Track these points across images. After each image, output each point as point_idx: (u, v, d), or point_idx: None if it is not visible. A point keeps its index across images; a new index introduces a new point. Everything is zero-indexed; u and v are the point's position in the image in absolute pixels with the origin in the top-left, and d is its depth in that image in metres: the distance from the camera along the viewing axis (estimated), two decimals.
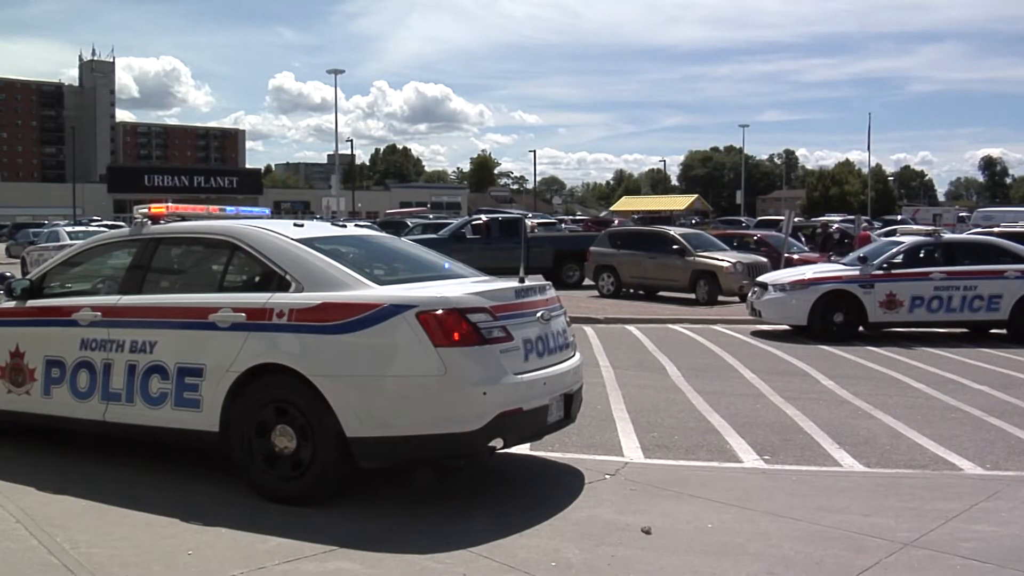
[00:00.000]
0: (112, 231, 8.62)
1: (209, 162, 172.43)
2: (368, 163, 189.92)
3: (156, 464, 7.59)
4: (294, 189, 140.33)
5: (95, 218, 63.72)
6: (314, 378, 6.34)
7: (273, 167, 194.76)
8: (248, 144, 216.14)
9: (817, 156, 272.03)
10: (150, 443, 7.48)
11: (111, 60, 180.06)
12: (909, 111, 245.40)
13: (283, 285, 6.76)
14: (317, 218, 51.14)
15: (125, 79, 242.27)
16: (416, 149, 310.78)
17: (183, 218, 8.04)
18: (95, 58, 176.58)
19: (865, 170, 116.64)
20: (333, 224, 8.64)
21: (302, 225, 7.59)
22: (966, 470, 8.05)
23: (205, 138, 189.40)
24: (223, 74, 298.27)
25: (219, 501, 6.62)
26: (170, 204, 8.18)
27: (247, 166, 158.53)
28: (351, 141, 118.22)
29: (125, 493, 6.77)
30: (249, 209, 8.89)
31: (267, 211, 9.50)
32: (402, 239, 9.65)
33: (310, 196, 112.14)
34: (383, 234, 9.46)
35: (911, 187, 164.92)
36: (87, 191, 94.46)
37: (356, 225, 9.32)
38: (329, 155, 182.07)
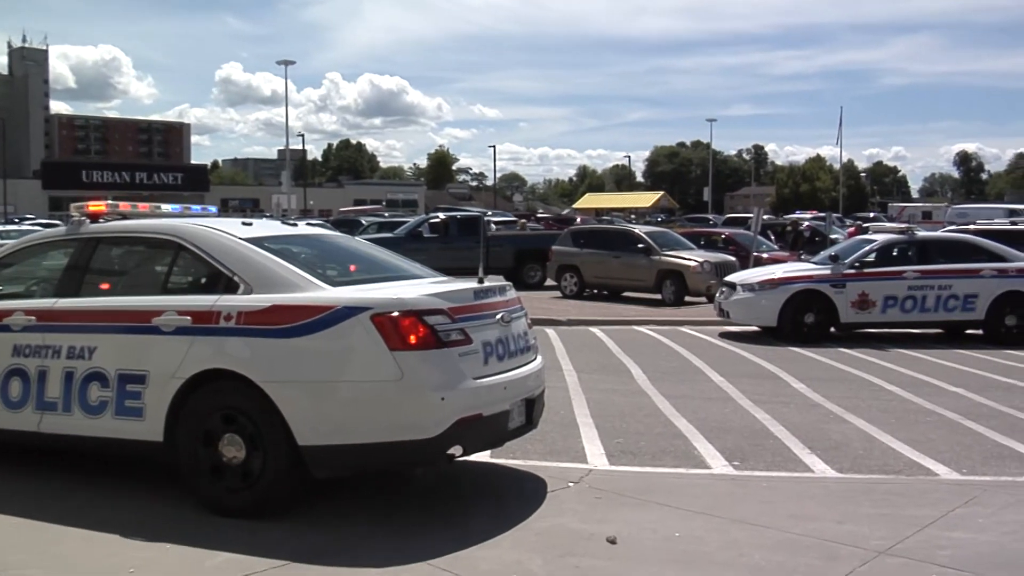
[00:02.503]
0: (47, 230, 8.52)
1: (152, 157, 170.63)
2: (321, 159, 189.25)
3: (97, 477, 7.50)
4: (242, 186, 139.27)
5: (28, 216, 62.86)
6: (264, 384, 6.30)
7: (220, 163, 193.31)
8: (194, 138, 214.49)
9: (787, 151, 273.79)
10: (90, 455, 7.39)
11: (44, 48, 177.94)
12: (882, 105, 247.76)
13: (231, 287, 6.71)
14: (267, 216, 50.79)
15: (60, 68, 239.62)
16: (371, 144, 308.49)
17: (124, 216, 7.95)
18: (26, 45, 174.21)
19: (837, 166, 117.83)
20: (284, 223, 8.59)
21: (251, 224, 7.54)
22: (942, 475, 8.14)
23: (148, 132, 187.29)
24: (166, 64, 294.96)
25: (165, 515, 6.55)
26: (110, 201, 8.08)
27: (192, 162, 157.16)
28: (302, 136, 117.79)
29: (63, 509, 6.67)
30: (195, 207, 8.80)
31: (214, 209, 9.42)
32: (356, 238, 9.61)
33: (259, 193, 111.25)
34: (336, 233, 9.42)
35: (884, 183, 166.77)
36: (19, 187, 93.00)
37: (308, 224, 9.27)
38: (280, 150, 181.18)
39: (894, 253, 17.67)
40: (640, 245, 24.49)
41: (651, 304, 23.05)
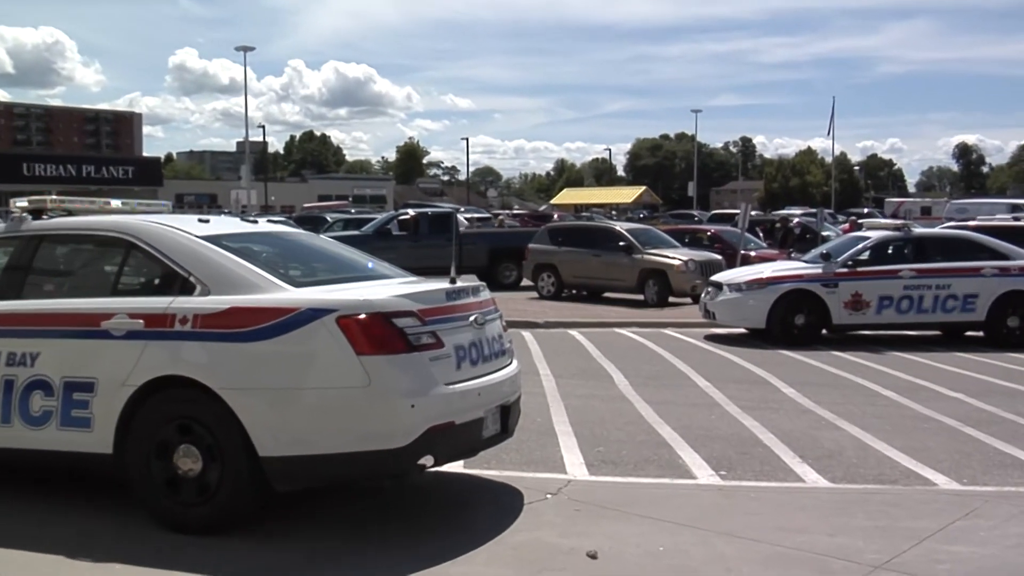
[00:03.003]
0: None
1: (100, 149, 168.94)
2: (283, 152, 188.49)
3: (40, 493, 7.43)
4: (199, 180, 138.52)
5: None
6: (222, 391, 6.26)
7: (175, 155, 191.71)
8: (145, 129, 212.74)
9: (776, 144, 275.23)
10: (33, 470, 7.32)
11: None
12: (877, 95, 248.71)
13: (186, 288, 6.67)
14: (225, 213, 50.56)
15: None
16: (336, 136, 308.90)
17: (70, 212, 7.89)
18: None
19: (828, 159, 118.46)
20: (243, 219, 8.58)
21: (208, 220, 7.50)
22: (940, 485, 8.18)
23: (95, 122, 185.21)
24: (115, 49, 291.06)
25: (115, 533, 6.50)
26: (54, 196, 8.01)
27: (144, 154, 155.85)
28: (263, 127, 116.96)
29: (2, 529, 6.60)
30: (147, 202, 8.74)
31: (167, 204, 9.35)
32: (321, 236, 9.59)
33: (217, 188, 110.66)
34: (299, 231, 9.38)
35: (879, 177, 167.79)
36: None
37: (269, 221, 9.26)
38: (238, 142, 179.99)
39: (889, 251, 17.76)
40: (621, 243, 24.54)
41: (633, 305, 23.09)
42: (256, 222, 8.25)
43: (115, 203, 8.30)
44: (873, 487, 8.08)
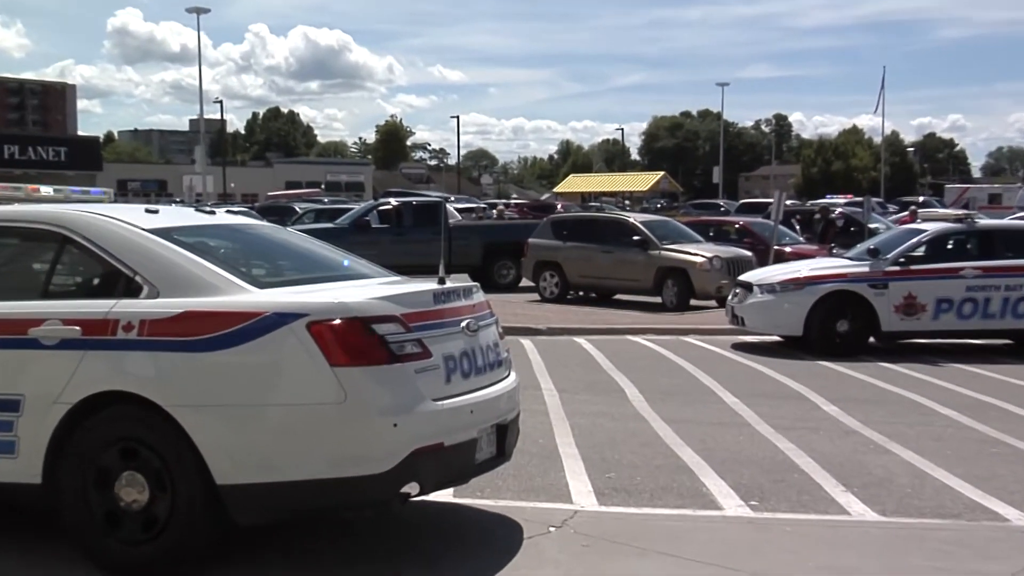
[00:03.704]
0: None
1: (25, 126, 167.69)
2: (244, 131, 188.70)
3: None
4: (145, 164, 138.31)
5: None
6: (173, 409, 6.25)
7: (116, 134, 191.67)
8: (81, 104, 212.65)
9: (816, 122, 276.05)
10: None
11: None
12: (935, 63, 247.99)
13: (132, 289, 6.65)
14: (177, 202, 50.62)
15: None
16: (306, 114, 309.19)
17: None
18: None
19: (877, 139, 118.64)
20: (198, 210, 8.54)
21: (157, 211, 7.48)
22: (1012, 520, 8.16)
23: (19, 94, 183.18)
24: (42, 8, 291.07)
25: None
26: None
27: (80, 133, 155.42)
28: (221, 102, 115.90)
29: None
30: (84, 190, 8.72)
31: (108, 192, 9.34)
32: (289, 229, 9.56)
33: (167, 173, 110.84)
34: (264, 223, 9.38)
35: (937, 160, 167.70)
36: None
37: (228, 212, 9.22)
38: (192, 120, 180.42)
39: (950, 246, 17.71)
40: (635, 237, 24.52)
41: (649, 309, 23.11)
42: (213, 213, 8.20)
43: (45, 190, 8.30)
44: (931, 522, 8.05)
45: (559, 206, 55.40)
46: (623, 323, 20.87)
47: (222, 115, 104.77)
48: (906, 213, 42.55)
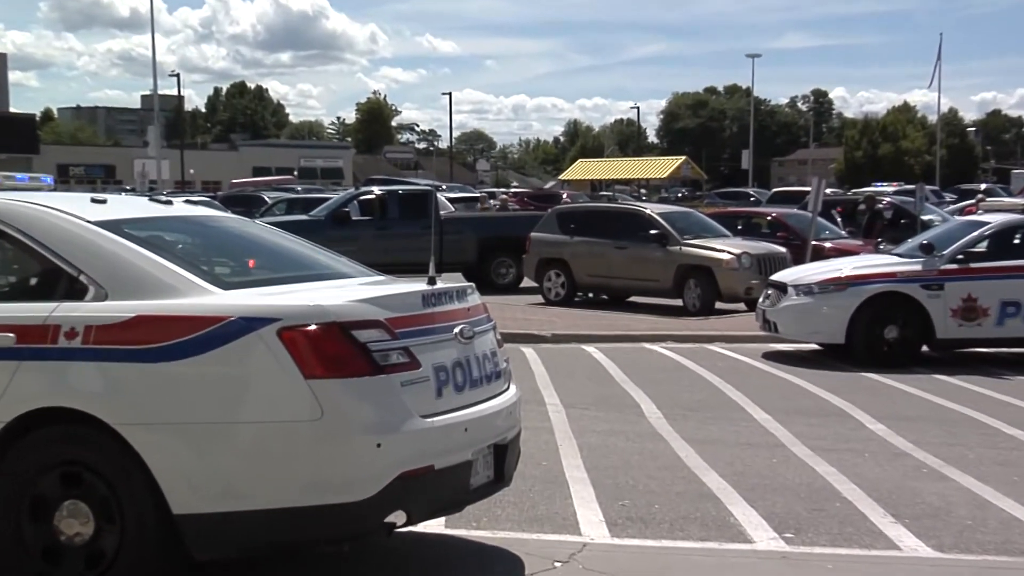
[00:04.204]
0: None
1: None
2: (204, 109, 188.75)
3: None
4: (90, 147, 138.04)
5: None
6: (123, 428, 6.24)
7: (56, 112, 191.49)
8: (12, 76, 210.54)
9: (861, 99, 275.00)
10: None
11: None
12: (1000, 29, 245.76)
13: (76, 291, 6.64)
14: (127, 191, 50.60)
15: None
16: (276, 90, 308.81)
17: None
18: None
19: (932, 118, 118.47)
20: (152, 200, 8.54)
21: (104, 201, 7.49)
22: None
23: None
24: None
25: None
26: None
27: (12, 110, 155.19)
28: (177, 76, 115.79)
29: None
30: (33, 176, 8.72)
31: (48, 179, 9.33)
32: (257, 222, 9.59)
33: (116, 157, 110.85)
34: (228, 215, 9.38)
35: (1002, 142, 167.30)
36: None
37: (187, 201, 9.23)
38: (144, 96, 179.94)
39: (1016, 240, 17.70)
40: (653, 231, 24.52)
41: (668, 313, 23.13)
42: (170, 203, 8.20)
43: None
44: (996, 559, 8.05)
45: (565, 195, 55.50)
46: (638, 329, 20.88)
47: (179, 91, 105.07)
48: (971, 202, 42.26)
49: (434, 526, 8.08)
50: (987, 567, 7.80)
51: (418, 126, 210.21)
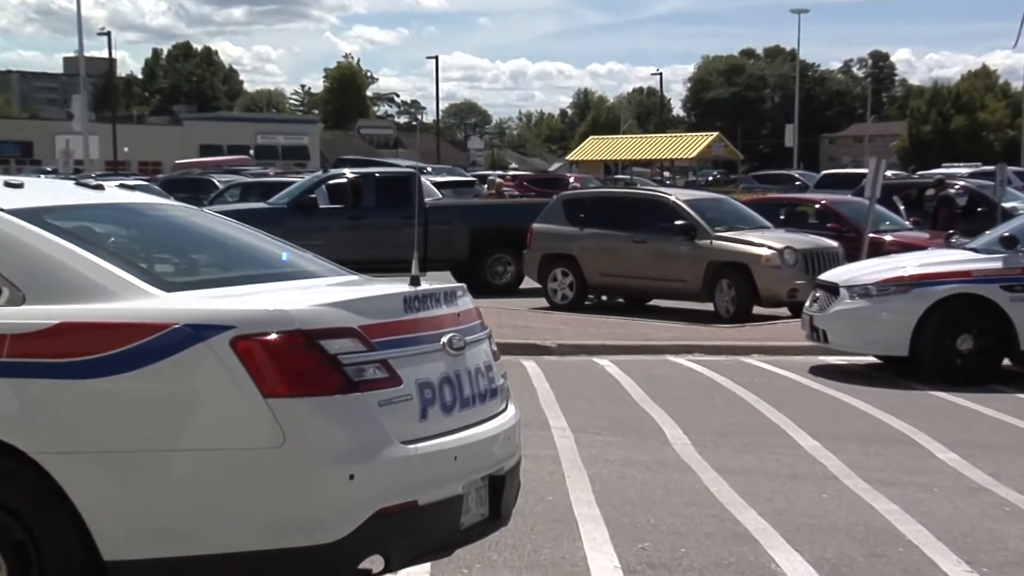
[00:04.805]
0: None
1: None
2: (141, 75, 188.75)
3: None
4: (2, 120, 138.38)
5: None
6: (43, 457, 6.22)
7: None
8: None
9: (929, 63, 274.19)
10: None
11: None
12: None
13: None
14: (49, 173, 50.58)
15: None
16: (228, 52, 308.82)
17: None
18: None
19: (1016, 85, 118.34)
20: (78, 185, 8.55)
21: (20, 185, 7.50)
22: None
23: None
24: None
25: None
26: None
27: None
28: (108, 35, 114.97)
29: None
30: None
31: None
32: (205, 211, 9.57)
33: (33, 132, 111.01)
34: (171, 202, 9.39)
35: None
36: None
37: (121, 186, 9.23)
38: (68, 59, 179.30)
39: None
40: (679, 222, 24.54)
41: (697, 319, 23.19)
42: (101, 188, 8.20)
43: None
44: None
45: (572, 179, 55.51)
46: (661, 339, 20.91)
47: (110, 53, 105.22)
48: None
49: (418, 573, 8.10)
50: None
51: (398, 96, 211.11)
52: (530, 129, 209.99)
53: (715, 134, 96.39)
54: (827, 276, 18.81)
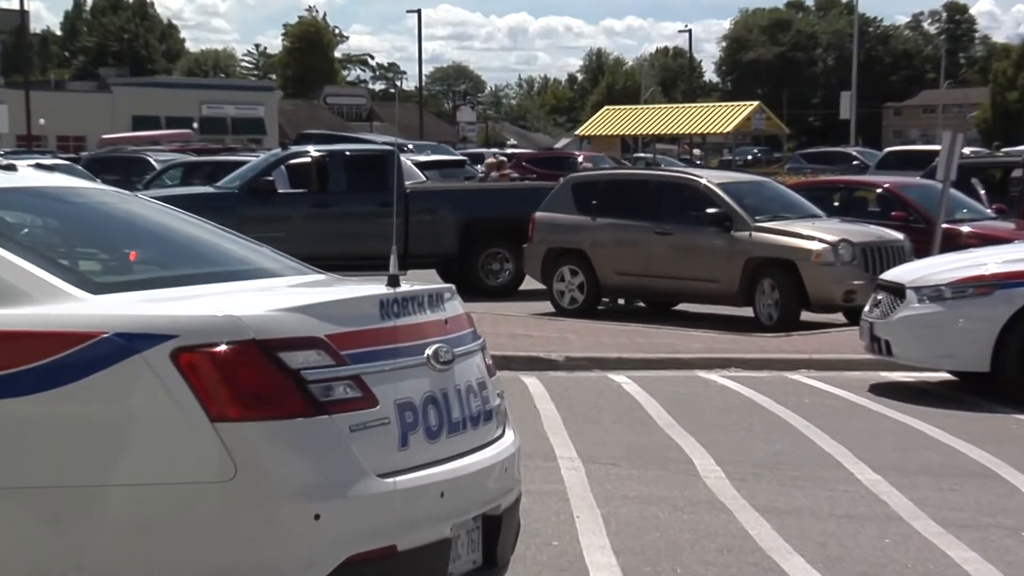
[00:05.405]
0: None
1: None
2: (61, 32, 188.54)
3: None
4: None
5: None
6: None
7: None
8: None
9: (1017, 16, 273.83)
10: None
11: None
12: None
13: None
14: None
15: None
16: (167, 4, 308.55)
17: None
18: None
19: None
20: None
21: None
22: None
23: None
24: None
25: None
26: None
27: None
28: None
29: None
30: None
31: None
32: (139, 196, 9.60)
33: None
34: (98, 186, 9.41)
35: None
36: None
37: (37, 166, 9.27)
38: None
39: None
40: (712, 210, 24.55)
41: (733, 327, 23.25)
42: (12, 168, 8.21)
43: None
44: None
45: (581, 159, 55.47)
46: (690, 351, 20.93)
47: (21, 4, 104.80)
48: None
49: None
50: None
51: (373, 59, 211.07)
52: (532, 98, 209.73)
53: (755, 104, 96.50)
54: (891, 275, 18.79)
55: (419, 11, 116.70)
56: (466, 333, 7.44)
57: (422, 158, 43.26)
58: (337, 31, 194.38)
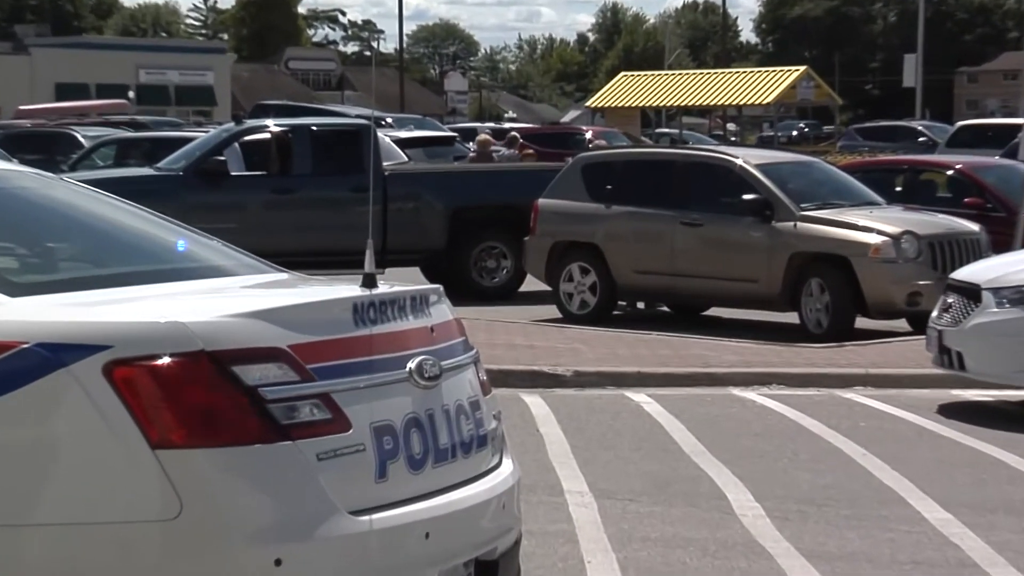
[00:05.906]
0: None
1: None
2: None
3: None
4: None
5: None
6: None
7: None
8: None
9: None
10: None
11: None
12: None
13: None
14: None
15: None
16: None
17: None
18: None
19: None
20: None
21: None
22: None
23: None
24: None
25: None
26: None
27: None
28: None
29: None
30: None
31: None
32: (65, 179, 9.61)
33: None
34: (14, 167, 9.42)
35: None
36: None
37: None
38: None
39: None
40: (749, 196, 24.58)
41: (775, 335, 23.28)
42: None
43: None
44: None
45: (589, 134, 55.43)
46: (723, 364, 20.97)
47: None
48: None
49: None
50: None
51: (344, 15, 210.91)
52: (534, 63, 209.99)
53: (802, 69, 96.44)
54: (964, 275, 18.81)
55: None
56: (456, 343, 7.45)
57: (403, 134, 43.25)
58: None
